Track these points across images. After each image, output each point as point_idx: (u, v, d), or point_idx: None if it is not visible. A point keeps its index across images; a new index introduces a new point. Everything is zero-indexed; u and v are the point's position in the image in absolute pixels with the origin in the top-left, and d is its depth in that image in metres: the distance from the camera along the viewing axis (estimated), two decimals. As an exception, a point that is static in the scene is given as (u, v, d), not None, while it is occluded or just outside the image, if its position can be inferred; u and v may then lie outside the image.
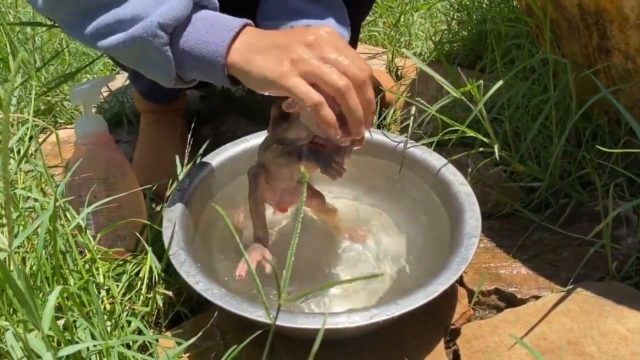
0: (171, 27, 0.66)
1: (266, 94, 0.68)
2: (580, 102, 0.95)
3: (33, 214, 0.80)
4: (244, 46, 0.66)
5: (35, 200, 0.72)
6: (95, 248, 0.79)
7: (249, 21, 0.70)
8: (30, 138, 0.93)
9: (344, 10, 0.87)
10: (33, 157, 0.99)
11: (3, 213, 0.77)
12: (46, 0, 0.70)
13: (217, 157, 0.94)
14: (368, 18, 1.70)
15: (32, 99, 0.99)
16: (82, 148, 0.83)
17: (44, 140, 1.07)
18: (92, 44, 0.70)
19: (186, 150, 0.95)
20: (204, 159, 0.93)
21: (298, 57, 0.63)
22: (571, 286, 0.84)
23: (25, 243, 0.73)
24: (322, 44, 0.64)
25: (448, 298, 0.84)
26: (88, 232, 0.80)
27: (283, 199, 0.86)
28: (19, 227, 0.74)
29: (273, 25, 0.80)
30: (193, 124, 1.05)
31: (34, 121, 0.90)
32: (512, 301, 0.86)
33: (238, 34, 0.67)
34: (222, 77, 0.68)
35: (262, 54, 0.65)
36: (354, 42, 1.26)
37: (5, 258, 0.65)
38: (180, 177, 0.89)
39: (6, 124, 0.33)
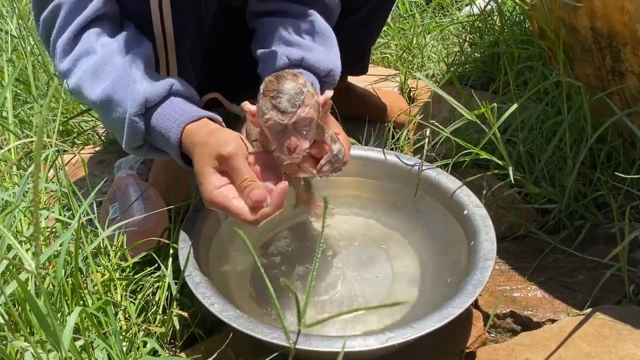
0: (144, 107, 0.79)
1: None
2: (594, 124, 0.95)
3: (54, 234, 0.81)
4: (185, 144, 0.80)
5: (58, 220, 0.74)
6: (113, 266, 0.79)
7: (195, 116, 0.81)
8: (49, 159, 0.95)
9: (336, 43, 0.94)
10: (54, 177, 1.00)
11: (17, 229, 0.78)
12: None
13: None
14: (380, 40, 1.72)
15: (57, 123, 1.02)
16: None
17: (53, 160, 1.09)
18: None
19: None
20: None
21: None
22: (588, 310, 0.83)
23: (46, 263, 0.74)
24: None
25: (463, 321, 0.83)
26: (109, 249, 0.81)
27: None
28: (42, 248, 0.75)
29: (266, 53, 0.90)
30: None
31: (55, 144, 0.92)
32: (527, 324, 0.85)
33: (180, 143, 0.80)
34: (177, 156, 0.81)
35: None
36: (361, 66, 1.26)
37: (27, 278, 0.66)
38: (195, 198, 0.90)
39: (39, 150, 0.34)
